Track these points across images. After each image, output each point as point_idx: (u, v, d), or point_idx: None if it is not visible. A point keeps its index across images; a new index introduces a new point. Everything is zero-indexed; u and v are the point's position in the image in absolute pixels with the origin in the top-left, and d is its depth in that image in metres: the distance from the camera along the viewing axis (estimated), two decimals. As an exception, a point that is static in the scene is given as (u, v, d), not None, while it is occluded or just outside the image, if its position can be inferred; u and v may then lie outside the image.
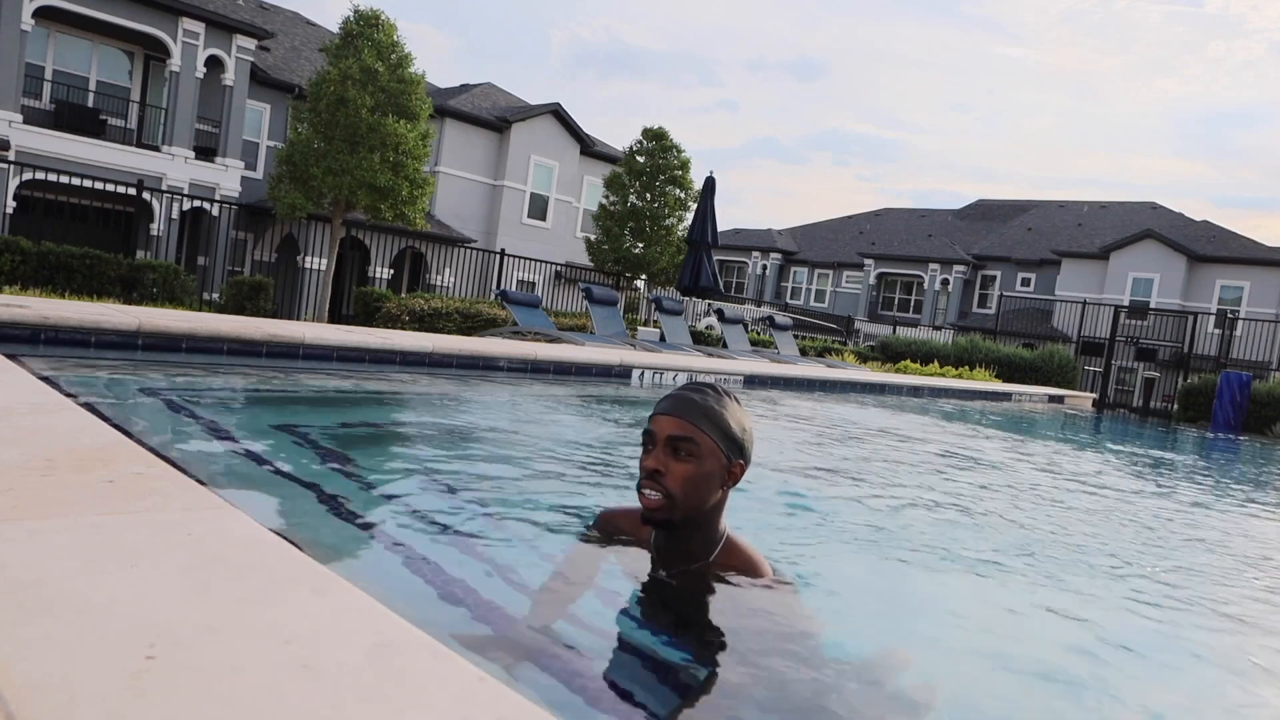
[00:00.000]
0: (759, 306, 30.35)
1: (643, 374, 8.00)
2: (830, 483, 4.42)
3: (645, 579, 1.93)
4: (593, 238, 21.44)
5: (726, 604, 1.85)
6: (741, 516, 2.00)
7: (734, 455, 1.83)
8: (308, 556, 1.39)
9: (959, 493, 4.58)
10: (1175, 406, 17.52)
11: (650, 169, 20.57)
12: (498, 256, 17.41)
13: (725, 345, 14.15)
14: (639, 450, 1.86)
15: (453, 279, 21.54)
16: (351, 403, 4.94)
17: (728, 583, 1.86)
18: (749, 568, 1.87)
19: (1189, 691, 2.20)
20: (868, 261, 40.43)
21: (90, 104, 19.02)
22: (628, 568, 1.99)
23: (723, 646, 1.79)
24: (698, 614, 1.87)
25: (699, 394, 1.84)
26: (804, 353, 16.57)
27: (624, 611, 1.92)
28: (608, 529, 2.10)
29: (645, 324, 16.14)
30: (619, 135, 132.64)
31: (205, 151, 19.52)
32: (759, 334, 18.16)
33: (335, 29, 15.52)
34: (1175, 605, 2.94)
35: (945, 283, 38.39)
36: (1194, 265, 32.21)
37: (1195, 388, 16.28)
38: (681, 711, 1.58)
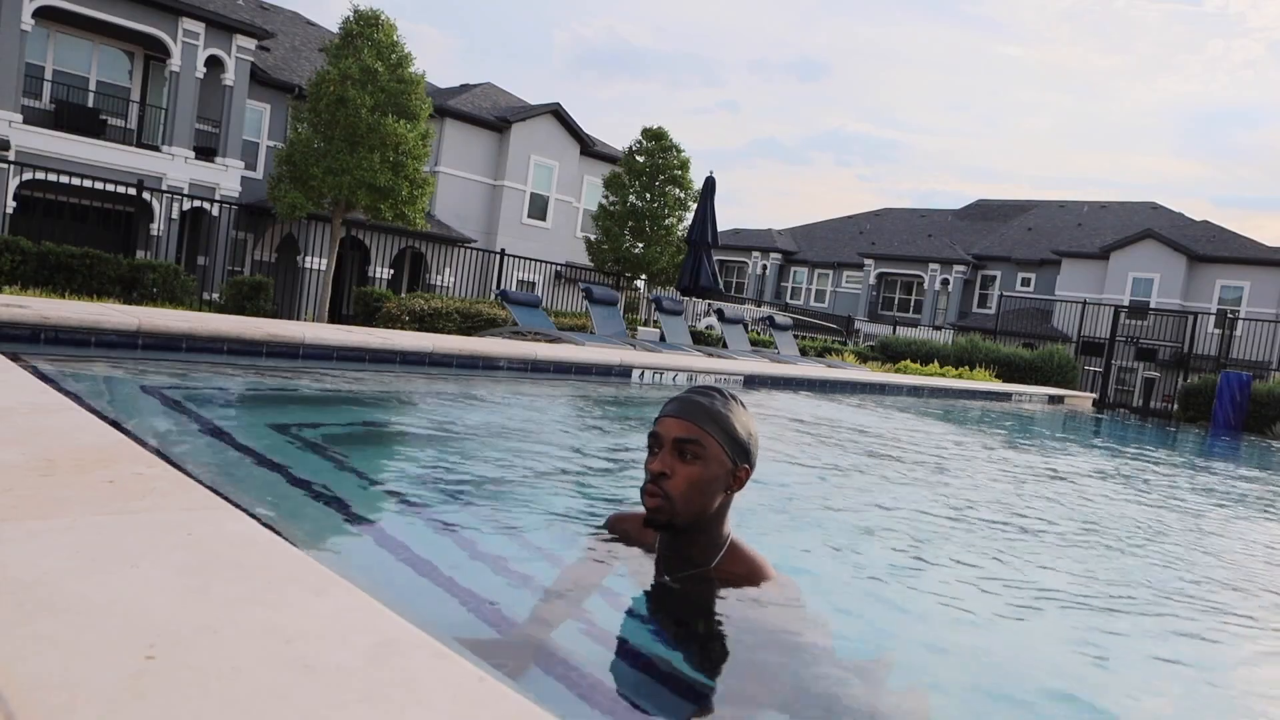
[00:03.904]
0: (759, 306, 30.35)
1: (643, 374, 8.00)
2: (831, 483, 4.42)
3: (649, 583, 1.93)
4: (593, 238, 21.44)
5: (730, 608, 1.85)
6: (742, 518, 2.00)
7: (739, 459, 1.83)
8: (307, 556, 1.39)
9: (958, 492, 4.58)
10: (1175, 406, 17.52)
11: (650, 169, 20.58)
12: (498, 256, 17.41)
13: (725, 345, 14.15)
14: (639, 449, 1.86)
15: (453, 279, 21.54)
16: (351, 403, 4.94)
17: (732, 587, 1.85)
18: (753, 571, 1.87)
19: (1189, 692, 2.20)
20: (868, 261, 40.43)
21: (90, 104, 19.02)
22: (632, 571, 1.99)
23: (726, 650, 1.79)
24: (701, 618, 1.87)
25: (705, 397, 1.85)
26: (804, 353, 16.57)
27: (627, 614, 1.92)
28: (615, 533, 2.10)
29: (645, 324, 16.14)
30: (620, 135, 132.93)
31: (205, 151, 19.52)
32: (759, 334, 18.16)
33: (335, 29, 15.52)
34: (1173, 604, 2.94)
35: (945, 283, 38.39)
36: (1194, 265, 32.21)
37: (1195, 388, 16.28)
38: (683, 715, 1.58)
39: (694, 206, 19.33)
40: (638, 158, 20.75)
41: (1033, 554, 3.38)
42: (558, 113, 25.89)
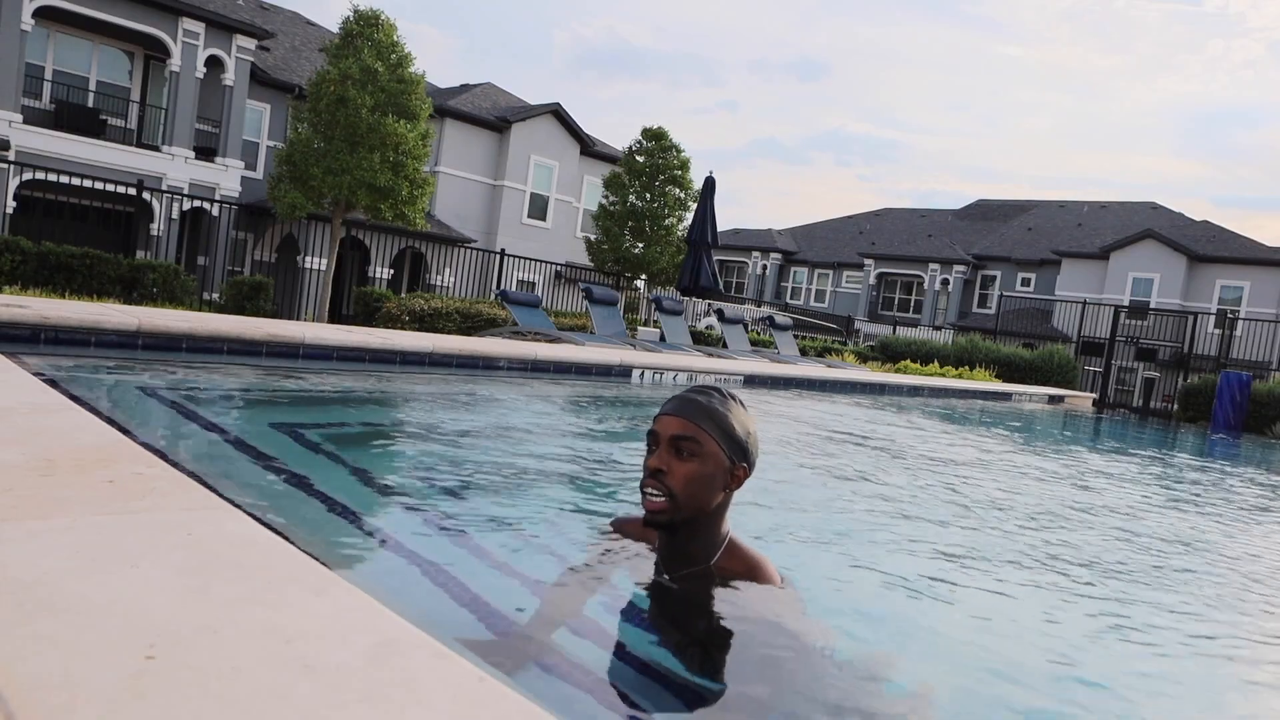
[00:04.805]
0: (759, 306, 30.35)
1: (643, 374, 8.00)
2: (829, 483, 4.42)
3: (649, 582, 1.94)
4: (593, 238, 21.44)
5: (728, 606, 1.85)
6: (742, 517, 2.00)
7: (737, 457, 1.83)
8: (307, 556, 1.39)
9: (957, 492, 4.58)
10: (1175, 406, 17.53)
11: (650, 169, 20.58)
12: (498, 256, 17.41)
13: (725, 345, 14.15)
14: (638, 448, 1.86)
15: (453, 279, 21.55)
16: (351, 403, 4.94)
17: (730, 585, 1.86)
18: (752, 570, 1.88)
19: (1185, 693, 2.20)
20: (868, 261, 40.43)
21: (90, 104, 19.02)
22: (631, 571, 1.99)
23: (725, 649, 1.79)
24: (700, 617, 1.88)
25: (703, 395, 1.85)
26: (804, 353, 16.57)
27: (627, 614, 1.92)
28: (618, 535, 2.11)
29: (645, 324, 16.14)
30: (621, 135, 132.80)
31: (205, 151, 19.52)
32: (759, 334, 18.16)
33: (335, 29, 15.53)
34: (1173, 604, 2.94)
35: (945, 283, 38.39)
36: (1194, 265, 32.22)
37: (1195, 388, 16.28)
38: (682, 714, 1.58)
39: (694, 206, 19.32)
40: (638, 158, 20.75)
41: (1034, 555, 3.38)
42: (558, 113, 25.89)
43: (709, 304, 20.52)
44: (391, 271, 21.82)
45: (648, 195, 20.52)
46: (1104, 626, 2.58)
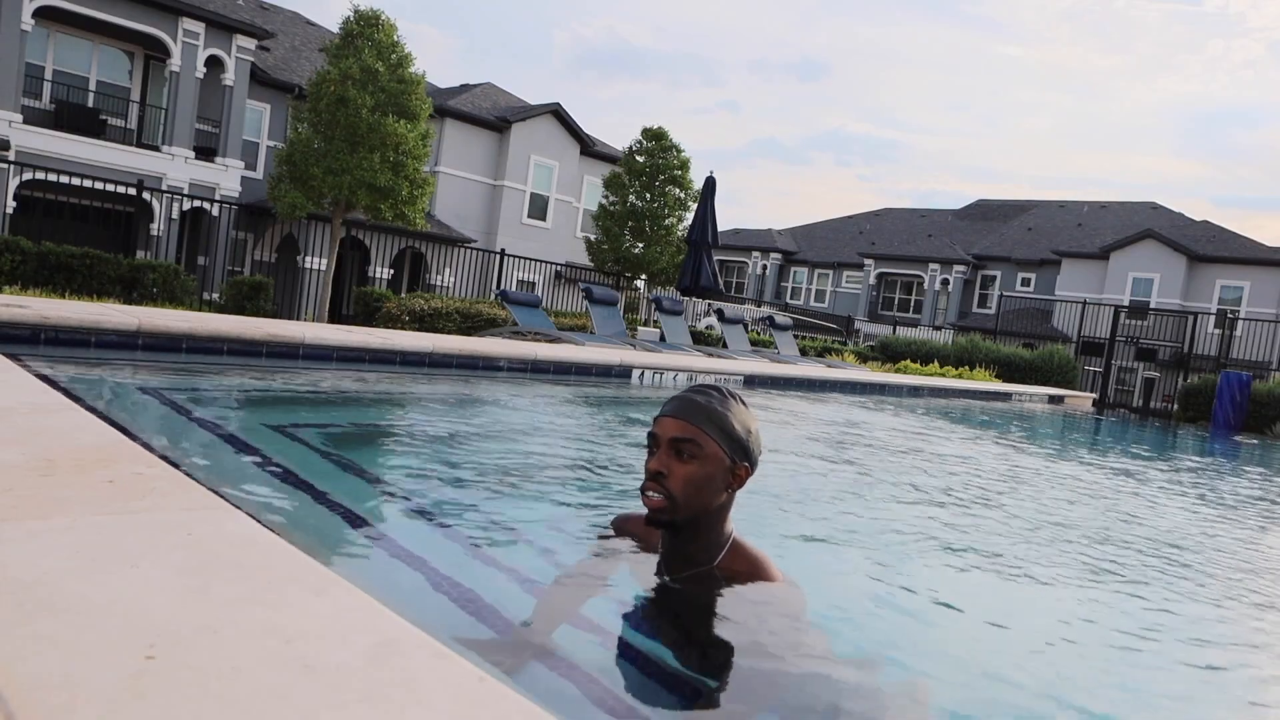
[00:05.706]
0: (759, 306, 30.33)
1: (643, 374, 8.00)
2: (829, 483, 4.41)
3: (651, 582, 1.93)
4: (593, 238, 21.44)
5: (732, 606, 1.85)
6: (741, 517, 2.00)
7: (738, 457, 1.83)
8: (307, 556, 1.39)
9: (958, 493, 4.58)
10: (1175, 406, 17.52)
11: (650, 169, 20.57)
12: (498, 256, 17.41)
13: (725, 345, 14.15)
14: (639, 449, 1.86)
15: (453, 279, 21.54)
16: (351, 403, 4.94)
17: (733, 586, 1.85)
18: (754, 570, 1.87)
19: (1186, 692, 2.20)
20: (868, 261, 40.43)
21: (90, 104, 19.01)
22: (634, 571, 1.99)
23: (727, 649, 1.79)
24: (702, 617, 1.87)
25: (703, 396, 1.84)
26: (804, 353, 16.57)
27: (629, 614, 1.92)
28: (619, 534, 2.10)
29: (645, 324, 16.14)
30: (621, 135, 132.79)
31: (205, 151, 19.52)
32: (759, 334, 18.16)
33: (335, 29, 15.53)
34: (1176, 604, 2.94)
35: (945, 283, 38.38)
36: (1194, 265, 32.21)
37: (1195, 388, 16.28)
38: (682, 714, 1.58)
39: (694, 206, 19.33)
40: (638, 158, 20.75)
41: (1034, 556, 3.38)
42: (558, 113, 25.89)
43: (709, 304, 20.51)
44: (391, 271, 21.82)
45: (648, 195, 20.52)
46: (1105, 628, 2.58)
